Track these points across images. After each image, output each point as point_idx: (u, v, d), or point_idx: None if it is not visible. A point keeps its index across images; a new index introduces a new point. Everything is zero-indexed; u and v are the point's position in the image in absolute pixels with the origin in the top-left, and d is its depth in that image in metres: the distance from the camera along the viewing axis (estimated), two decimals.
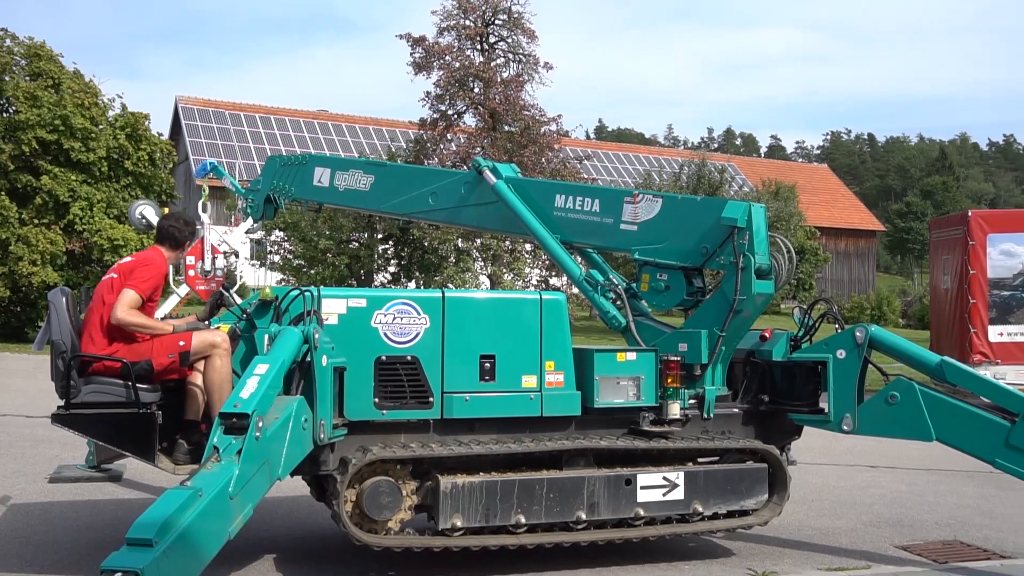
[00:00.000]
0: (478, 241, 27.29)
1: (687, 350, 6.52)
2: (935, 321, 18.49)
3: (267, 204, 9.04)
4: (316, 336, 5.36)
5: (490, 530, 5.93)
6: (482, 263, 28.11)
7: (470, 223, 8.22)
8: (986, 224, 16.14)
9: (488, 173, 7.42)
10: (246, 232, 14.50)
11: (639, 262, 6.96)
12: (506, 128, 28.30)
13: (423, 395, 5.92)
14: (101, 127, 23.09)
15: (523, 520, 5.93)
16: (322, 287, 5.88)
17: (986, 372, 14.62)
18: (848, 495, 9.06)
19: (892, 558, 6.76)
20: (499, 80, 28.39)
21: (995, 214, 18.61)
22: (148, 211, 11.72)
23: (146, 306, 5.92)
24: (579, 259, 7.59)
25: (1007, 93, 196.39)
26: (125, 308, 5.72)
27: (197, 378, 5.82)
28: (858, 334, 6.41)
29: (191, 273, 13.31)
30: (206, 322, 6.19)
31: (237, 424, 4.71)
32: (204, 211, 10.40)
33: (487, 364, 6.05)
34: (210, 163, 10.05)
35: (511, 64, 29.45)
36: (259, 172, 9.95)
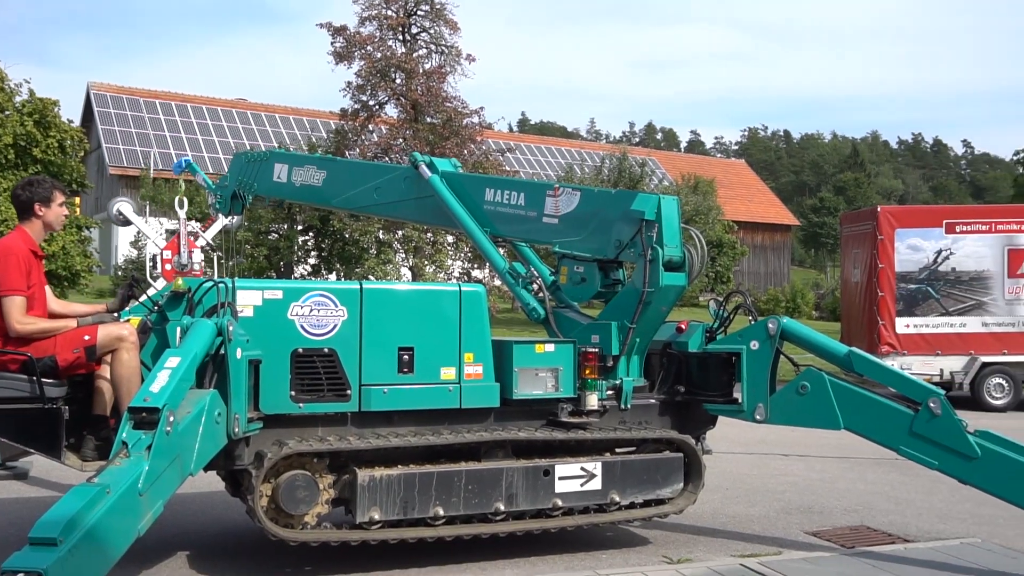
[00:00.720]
0: (399, 233, 27.12)
1: (599, 342, 6.58)
2: (846, 313, 19.03)
3: (234, 200, 9.23)
4: (230, 328, 5.27)
5: (408, 523, 5.91)
6: (403, 255, 27.95)
7: (411, 217, 8.40)
8: (894, 219, 16.66)
9: (424, 168, 7.49)
10: (223, 228, 14.55)
11: (558, 254, 7.06)
12: (428, 120, 28.15)
13: (340, 388, 5.86)
14: (7, 113, 22.31)
15: (441, 512, 5.92)
16: (237, 279, 5.77)
17: (893, 363, 15.11)
18: (761, 483, 9.27)
19: (802, 544, 6.94)
20: (421, 71, 28.21)
21: (902, 210, 19.22)
22: (125, 207, 11.88)
23: (32, 290, 5.61)
24: (503, 251, 7.64)
25: (916, 93, 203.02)
26: (17, 320, 5.45)
27: (105, 372, 5.66)
28: (770, 326, 6.55)
29: (168, 267, 13.39)
30: (116, 314, 6.03)
31: (147, 419, 4.61)
32: (181, 207, 10.52)
33: (405, 356, 6.02)
34: (185, 160, 10.26)
35: (433, 55, 29.30)
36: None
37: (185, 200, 10.92)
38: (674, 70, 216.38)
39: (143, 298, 5.97)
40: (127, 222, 12.02)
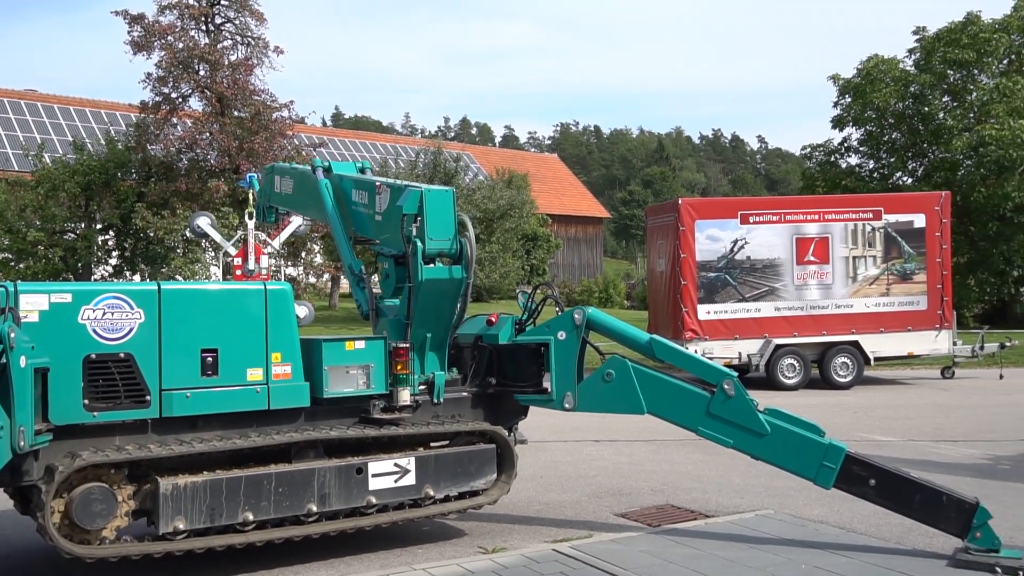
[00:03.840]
0: None
1: (386, 337, 6.63)
2: (652, 301, 19.82)
3: (268, 210, 9.41)
4: (11, 335, 4.93)
5: (216, 530, 5.72)
6: (213, 253, 26.95)
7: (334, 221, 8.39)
8: (694, 211, 17.49)
9: (320, 172, 7.78)
10: (292, 233, 16.16)
11: (375, 251, 7.10)
12: (235, 113, 27.25)
13: (139, 394, 5.60)
14: None
15: (251, 517, 5.77)
16: (20, 282, 5.41)
17: (696, 348, 15.91)
18: (574, 469, 9.54)
19: (612, 525, 7.20)
20: (226, 63, 27.24)
21: (702, 202, 20.19)
22: (203, 221, 12.79)
23: None
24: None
25: (715, 90, 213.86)
26: None
27: None
28: (576, 316, 6.74)
29: (238, 273, 13.98)
30: None
31: None
32: (250, 219, 10.61)
33: (209, 358, 5.83)
34: (251, 176, 10.77)
35: (239, 47, 28.34)
36: None
37: (254, 211, 11.20)
38: (488, 65, 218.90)
39: None
40: (204, 235, 12.77)
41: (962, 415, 13.79)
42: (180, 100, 27.64)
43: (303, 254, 27.99)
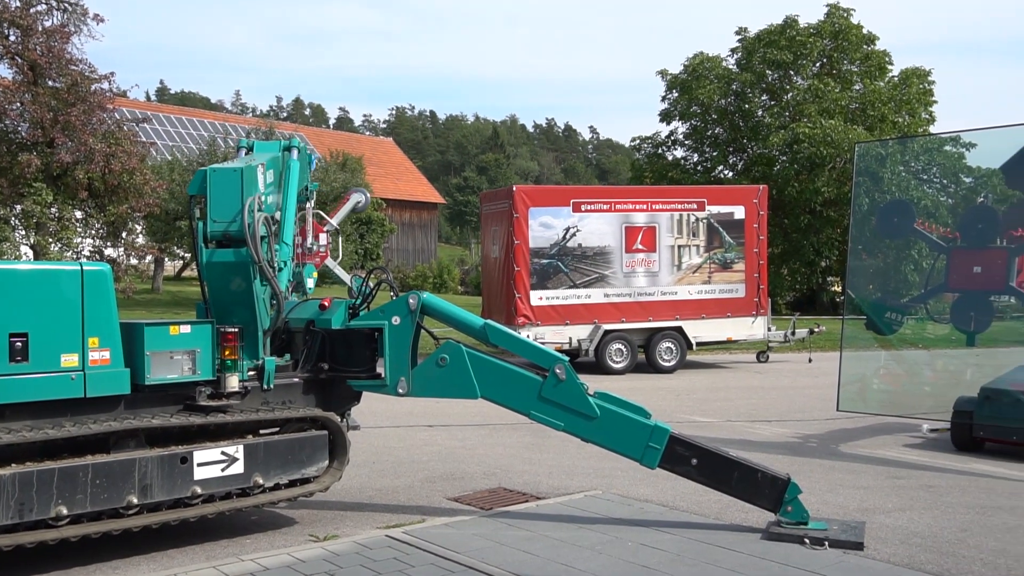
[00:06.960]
0: (18, 207, 24.47)
1: (214, 321, 6.47)
2: (486, 287, 19.99)
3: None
4: None
5: (26, 526, 5.37)
6: (23, 232, 25.28)
7: None
8: (528, 199, 17.74)
9: (242, 152, 7.57)
10: (352, 209, 17.84)
11: None
12: (50, 83, 25.57)
13: None
14: None
15: (65, 511, 5.45)
16: None
17: (528, 333, 16.18)
18: (407, 454, 9.52)
19: (445, 510, 7.23)
20: (40, 29, 25.51)
21: (536, 189, 20.48)
22: (360, 197, 13.00)
23: None
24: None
25: (549, 80, 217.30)
26: None
27: None
28: (411, 301, 6.71)
29: (298, 251, 13.30)
30: None
31: None
32: (309, 200, 10.05)
33: (18, 343, 5.44)
34: (312, 157, 10.45)
35: (55, 12, 26.57)
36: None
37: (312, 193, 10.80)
38: (322, 45, 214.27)
39: None
40: (364, 208, 13.45)
41: (775, 396, 14.64)
42: None
43: (124, 234, 26.67)
